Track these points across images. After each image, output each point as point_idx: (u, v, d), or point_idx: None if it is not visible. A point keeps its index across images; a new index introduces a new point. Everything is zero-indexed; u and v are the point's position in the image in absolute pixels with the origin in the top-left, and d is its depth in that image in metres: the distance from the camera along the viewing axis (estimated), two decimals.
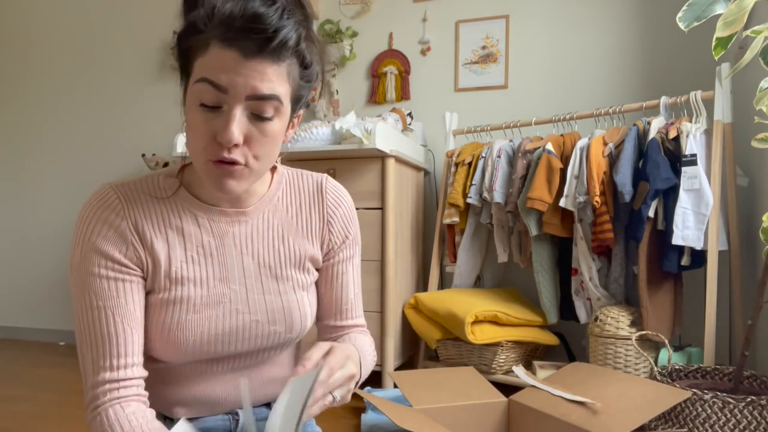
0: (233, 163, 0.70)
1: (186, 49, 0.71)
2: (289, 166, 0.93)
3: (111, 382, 0.73)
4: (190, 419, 0.86)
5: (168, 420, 0.86)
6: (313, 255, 0.88)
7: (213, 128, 0.69)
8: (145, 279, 0.78)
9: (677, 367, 1.68)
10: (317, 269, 0.91)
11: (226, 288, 0.81)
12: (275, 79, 0.69)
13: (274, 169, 0.89)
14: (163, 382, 0.84)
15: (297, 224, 0.87)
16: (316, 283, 0.92)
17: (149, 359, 0.81)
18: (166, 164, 2.79)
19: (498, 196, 2.17)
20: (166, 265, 0.78)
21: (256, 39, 0.66)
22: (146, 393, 0.77)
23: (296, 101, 0.75)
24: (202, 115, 0.70)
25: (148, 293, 0.79)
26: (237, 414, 0.89)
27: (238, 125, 0.69)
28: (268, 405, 0.93)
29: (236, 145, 0.70)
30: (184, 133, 0.75)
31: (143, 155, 2.96)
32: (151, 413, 0.76)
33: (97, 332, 0.74)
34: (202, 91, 0.68)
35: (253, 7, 0.66)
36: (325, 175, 0.92)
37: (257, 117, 0.70)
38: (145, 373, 0.77)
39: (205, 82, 0.68)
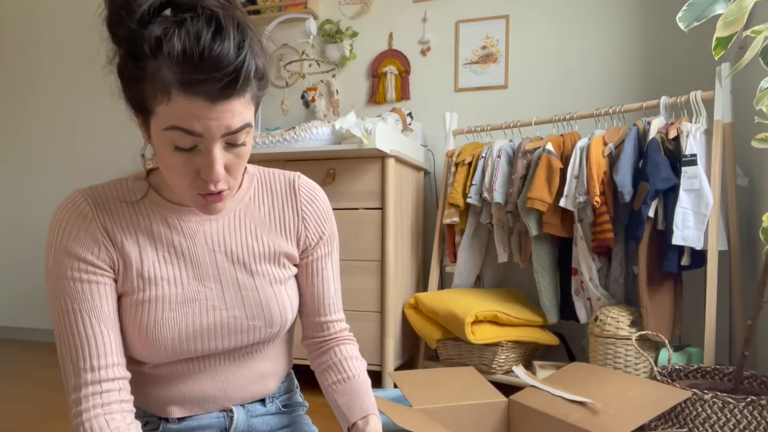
0: (220, 192, 0.73)
1: (137, 88, 0.68)
2: (263, 166, 0.93)
3: (93, 384, 0.74)
4: (184, 418, 0.86)
5: (163, 420, 0.86)
6: (288, 252, 0.88)
7: (194, 166, 0.71)
8: (116, 280, 0.79)
9: (677, 367, 1.68)
10: (295, 265, 0.91)
11: (201, 286, 0.81)
12: (244, 110, 0.69)
13: (244, 169, 0.90)
14: (154, 384, 0.84)
15: (270, 222, 0.88)
16: (298, 282, 0.92)
17: (135, 363, 0.82)
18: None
19: (498, 196, 2.17)
20: (138, 266, 0.79)
21: (220, 83, 0.64)
22: (131, 398, 0.77)
23: (257, 109, 0.76)
24: (179, 157, 0.70)
25: (121, 296, 0.79)
26: (231, 411, 0.89)
27: (220, 163, 0.70)
28: (263, 401, 0.93)
29: None
30: (156, 160, 0.75)
31: (143, 155, 2.96)
32: (136, 427, 0.76)
33: (75, 335, 0.75)
34: (174, 137, 0.68)
35: (207, 45, 0.63)
36: (297, 173, 0.92)
37: (233, 146, 0.72)
38: (127, 374, 0.77)
39: (178, 131, 0.67)
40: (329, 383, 0.91)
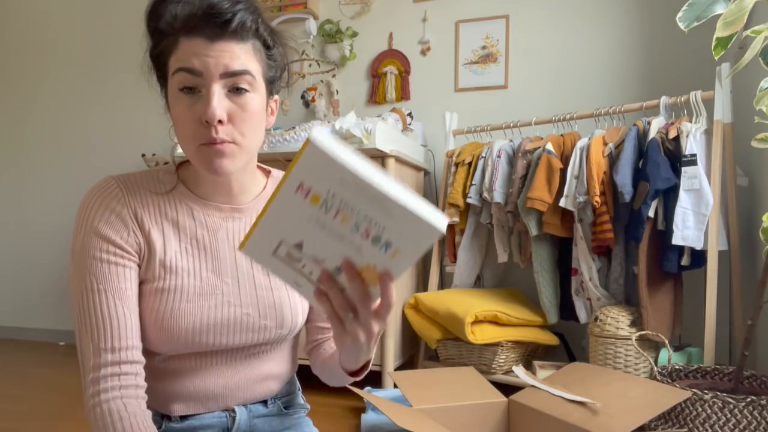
0: (222, 142, 0.75)
1: (158, 56, 0.78)
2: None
3: (113, 364, 0.74)
4: (186, 416, 0.86)
5: (165, 418, 0.86)
6: None
7: (196, 112, 0.74)
8: (140, 266, 0.80)
9: (677, 367, 1.68)
10: None
11: (218, 280, 0.83)
12: (243, 56, 0.75)
13: (268, 173, 0.93)
14: (159, 378, 0.84)
15: None
16: None
17: (144, 353, 0.82)
18: (165, 164, 2.79)
19: (498, 196, 2.17)
20: (161, 254, 0.80)
21: (216, 23, 0.73)
22: (144, 385, 0.78)
23: (269, 82, 0.81)
24: (184, 102, 0.74)
25: (142, 282, 0.80)
26: (234, 411, 0.89)
27: (219, 102, 0.73)
28: (265, 402, 0.93)
29: (221, 122, 0.74)
30: (174, 135, 0.80)
31: (143, 155, 2.96)
32: (149, 416, 0.76)
33: (98, 315, 0.75)
34: (179, 80, 0.74)
35: (207, 0, 0.73)
36: None
37: (235, 94, 0.75)
38: (143, 359, 0.78)
39: (181, 71, 0.73)
40: (323, 354, 0.93)
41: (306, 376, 1.03)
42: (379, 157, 2.13)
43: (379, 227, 0.58)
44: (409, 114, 2.60)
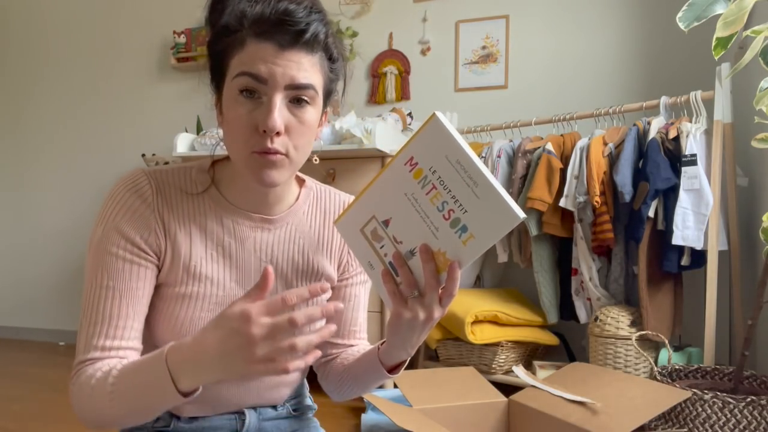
0: (276, 152, 0.72)
1: (219, 52, 0.74)
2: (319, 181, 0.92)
3: (102, 360, 0.73)
4: (196, 417, 0.86)
5: (174, 418, 0.86)
6: (330, 274, 0.88)
7: (254, 119, 0.71)
8: (159, 269, 0.78)
9: (677, 367, 1.68)
10: (331, 287, 0.90)
11: (240, 291, 0.81)
12: (310, 68, 0.73)
13: (302, 182, 0.89)
14: None
15: (318, 241, 0.87)
16: (327, 301, 0.90)
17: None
18: (165, 164, 2.79)
19: None
20: (186, 258, 0.78)
21: (290, 31, 0.70)
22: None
23: (327, 95, 0.79)
24: (242, 107, 0.72)
25: (162, 284, 0.79)
26: (243, 414, 0.89)
27: (280, 113, 0.71)
28: (275, 407, 0.93)
29: (278, 134, 0.71)
30: (220, 131, 0.78)
31: (143, 155, 2.96)
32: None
33: (100, 311, 0.74)
34: (240, 83, 0.71)
35: (282, 4, 0.71)
36: (353, 196, 0.91)
37: (295, 106, 0.73)
38: (134, 357, 0.77)
39: (245, 76, 0.71)
40: (339, 365, 0.90)
41: (313, 375, 1.03)
42: (379, 157, 2.13)
43: (461, 209, 0.61)
44: (409, 114, 2.60)
